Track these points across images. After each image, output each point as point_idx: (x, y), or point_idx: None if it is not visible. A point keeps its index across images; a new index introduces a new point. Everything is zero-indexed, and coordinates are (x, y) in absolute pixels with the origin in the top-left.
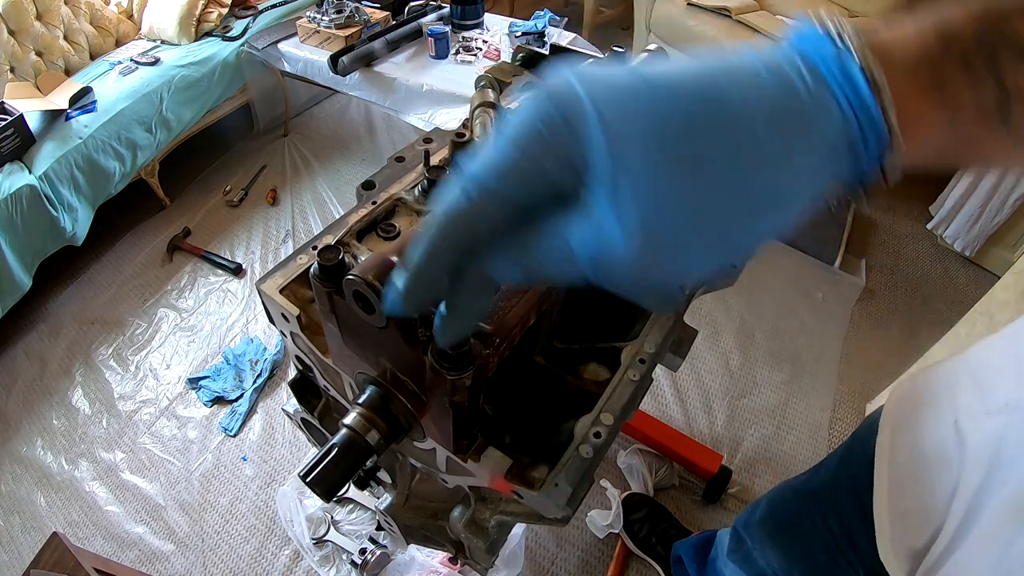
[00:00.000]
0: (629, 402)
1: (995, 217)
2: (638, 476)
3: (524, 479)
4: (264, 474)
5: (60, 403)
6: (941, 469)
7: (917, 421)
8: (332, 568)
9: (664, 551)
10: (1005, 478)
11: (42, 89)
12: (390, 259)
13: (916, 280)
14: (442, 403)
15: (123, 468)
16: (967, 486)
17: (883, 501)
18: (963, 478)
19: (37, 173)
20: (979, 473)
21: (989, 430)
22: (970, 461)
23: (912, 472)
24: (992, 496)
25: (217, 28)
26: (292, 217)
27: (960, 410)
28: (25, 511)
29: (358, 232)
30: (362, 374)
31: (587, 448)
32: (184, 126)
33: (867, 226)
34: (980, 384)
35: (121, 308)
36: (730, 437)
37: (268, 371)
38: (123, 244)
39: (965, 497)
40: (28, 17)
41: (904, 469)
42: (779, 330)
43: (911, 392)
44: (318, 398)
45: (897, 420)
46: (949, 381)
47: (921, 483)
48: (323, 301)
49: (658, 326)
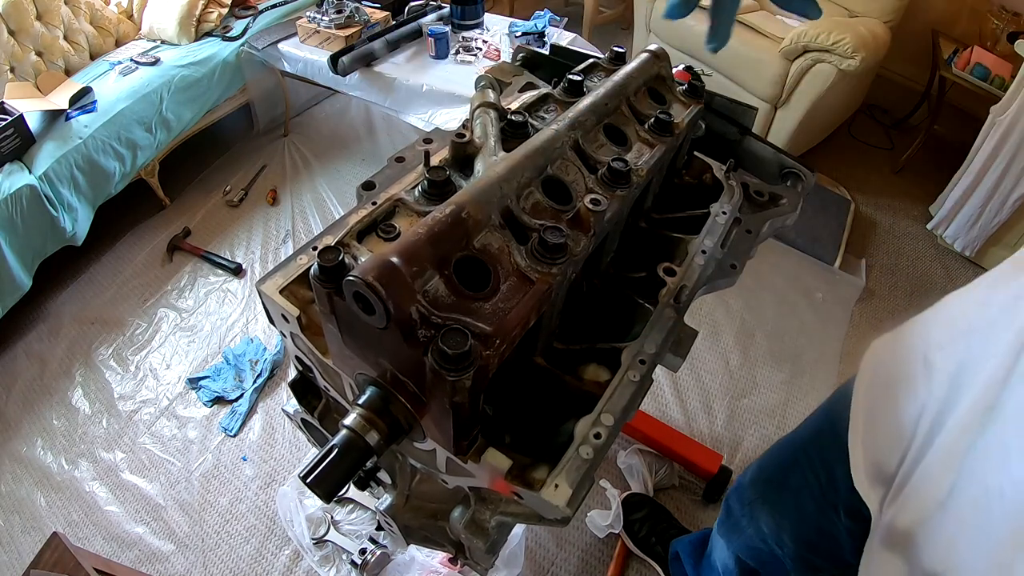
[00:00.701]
0: (629, 403)
1: (995, 217)
2: (638, 476)
3: (524, 480)
4: (264, 474)
5: (60, 403)
6: (910, 397)
7: (893, 361)
8: (332, 568)
9: (664, 551)
10: (964, 394)
11: (42, 89)
12: (390, 260)
13: (916, 280)
14: (442, 404)
15: (123, 468)
16: (931, 407)
17: (858, 431)
18: (928, 401)
19: (37, 173)
20: (942, 393)
21: (952, 356)
22: (935, 385)
23: (883, 403)
24: (952, 411)
25: (217, 28)
26: (292, 217)
27: (930, 345)
28: (25, 511)
29: (358, 233)
30: (362, 375)
31: (587, 449)
32: (184, 126)
33: (867, 226)
34: (950, 321)
35: (121, 308)
36: (730, 437)
37: (268, 371)
38: (123, 244)
39: (929, 416)
40: (28, 17)
41: (877, 402)
42: (779, 330)
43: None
44: (318, 399)
45: (876, 361)
46: (924, 324)
47: (891, 411)
48: (323, 302)
49: (658, 327)
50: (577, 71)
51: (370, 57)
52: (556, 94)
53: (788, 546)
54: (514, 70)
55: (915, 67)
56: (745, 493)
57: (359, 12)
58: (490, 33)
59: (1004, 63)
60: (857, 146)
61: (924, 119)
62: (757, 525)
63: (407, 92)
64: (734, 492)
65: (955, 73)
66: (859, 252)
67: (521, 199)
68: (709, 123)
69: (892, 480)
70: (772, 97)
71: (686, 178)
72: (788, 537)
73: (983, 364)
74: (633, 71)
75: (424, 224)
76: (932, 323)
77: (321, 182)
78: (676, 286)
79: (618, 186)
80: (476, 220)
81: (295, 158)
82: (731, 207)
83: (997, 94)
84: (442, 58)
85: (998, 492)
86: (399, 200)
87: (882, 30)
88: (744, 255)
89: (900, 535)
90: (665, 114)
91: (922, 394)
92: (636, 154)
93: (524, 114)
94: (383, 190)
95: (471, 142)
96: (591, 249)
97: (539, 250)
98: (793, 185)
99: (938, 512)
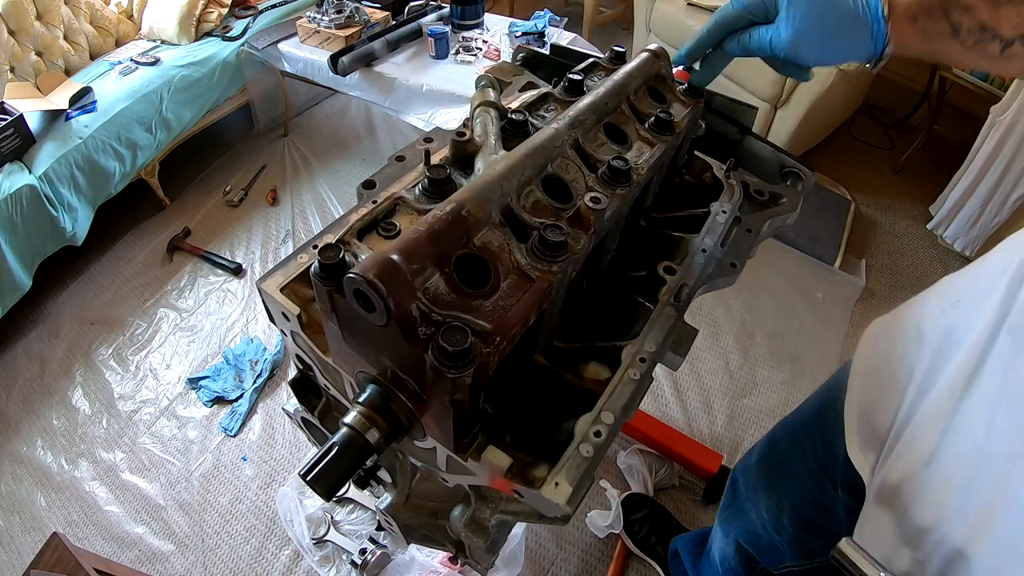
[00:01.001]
0: (629, 401)
1: (995, 217)
2: (638, 476)
3: (524, 478)
4: (264, 474)
5: (60, 403)
6: (902, 363)
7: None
8: (332, 568)
9: (664, 551)
10: (952, 357)
11: (42, 89)
12: (390, 257)
13: (916, 280)
14: (443, 402)
15: (123, 468)
16: (920, 369)
17: (853, 399)
18: (917, 365)
19: (37, 173)
20: (931, 356)
21: (942, 324)
22: (925, 350)
23: (878, 370)
24: (940, 373)
25: (217, 28)
26: (292, 217)
27: (923, 315)
28: (25, 511)
29: (359, 231)
30: (362, 373)
31: (587, 447)
32: (184, 126)
33: (867, 226)
34: (942, 295)
35: (121, 308)
36: (730, 437)
37: (268, 371)
38: (123, 244)
39: (918, 378)
40: (28, 17)
41: (871, 370)
42: (779, 330)
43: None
44: (318, 397)
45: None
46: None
47: (884, 377)
48: (324, 300)
49: (658, 325)
50: (577, 70)
51: (370, 57)
52: (556, 93)
53: (787, 529)
54: (514, 70)
55: (915, 67)
56: (751, 472)
57: (359, 12)
58: (490, 33)
59: None
60: (857, 146)
61: (924, 119)
62: (759, 508)
63: (407, 92)
64: (742, 470)
65: (955, 73)
66: (859, 252)
67: (521, 197)
68: (709, 122)
69: (883, 443)
70: (772, 97)
71: (686, 177)
72: (787, 519)
73: (970, 329)
74: (633, 70)
75: (424, 222)
76: (926, 298)
77: (321, 182)
78: (676, 285)
79: (618, 185)
80: (476, 218)
81: (295, 158)
82: (731, 206)
83: (997, 94)
84: (442, 58)
85: (983, 447)
86: (399, 198)
87: None
88: (744, 254)
89: (890, 491)
90: (665, 113)
91: (913, 359)
92: (636, 153)
93: (524, 113)
94: (383, 189)
95: (471, 141)
96: (591, 247)
97: (539, 248)
98: (793, 184)
99: (926, 468)
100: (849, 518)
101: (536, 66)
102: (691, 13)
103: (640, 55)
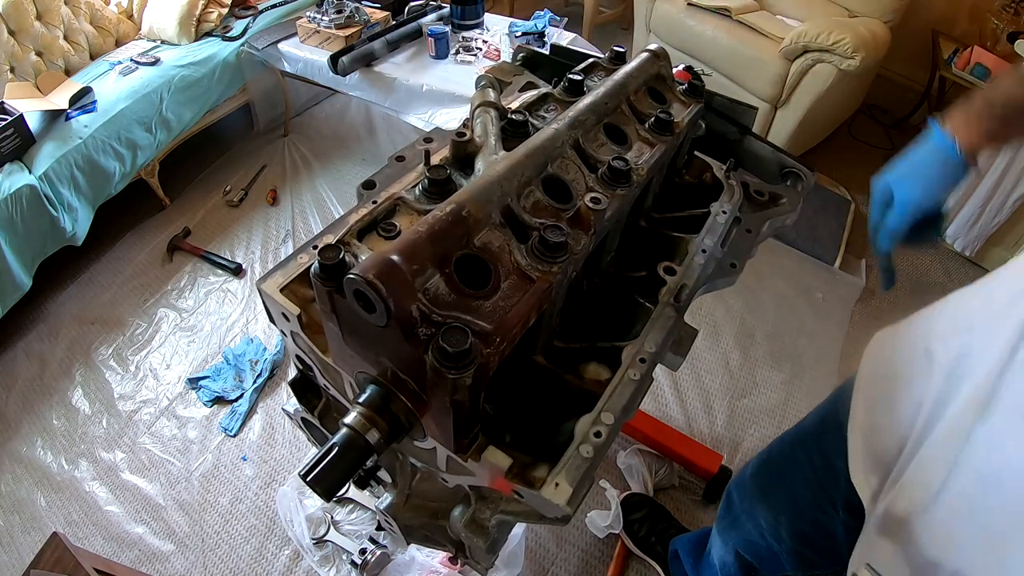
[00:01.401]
0: (629, 401)
1: (995, 217)
2: (638, 476)
3: (525, 478)
4: (264, 474)
5: (60, 403)
6: (910, 388)
7: (895, 353)
8: (332, 568)
9: (664, 551)
10: (962, 385)
11: (42, 89)
12: (391, 258)
13: (916, 280)
14: (443, 402)
15: (123, 468)
16: (930, 397)
17: (858, 421)
18: (927, 392)
19: (37, 173)
20: (941, 383)
21: (953, 347)
22: (935, 376)
23: (884, 394)
24: (950, 402)
25: (217, 28)
26: (292, 217)
27: (932, 338)
28: (25, 511)
29: (359, 231)
30: (362, 373)
31: (587, 447)
32: (184, 126)
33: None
34: (953, 316)
35: (121, 308)
36: (730, 437)
37: (268, 371)
38: (123, 244)
39: (928, 406)
40: (28, 17)
41: (877, 392)
42: (779, 330)
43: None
44: (318, 397)
45: (878, 353)
46: (927, 319)
47: (891, 401)
48: (324, 300)
49: (658, 326)
50: (577, 71)
51: (370, 57)
52: (556, 94)
53: (786, 541)
54: (514, 70)
55: (915, 67)
56: (747, 485)
57: (359, 12)
58: (490, 33)
59: (1004, 63)
60: (857, 146)
61: (924, 119)
62: (756, 520)
63: (407, 92)
64: (736, 484)
65: (955, 73)
66: (859, 252)
67: (521, 198)
68: (709, 123)
69: (889, 469)
70: (772, 97)
71: (686, 177)
72: (786, 532)
73: (983, 356)
74: (633, 70)
75: (425, 222)
76: (935, 318)
77: (321, 182)
78: (676, 285)
79: (618, 185)
80: (476, 218)
81: (295, 158)
82: (731, 206)
83: None
84: (442, 58)
85: (994, 480)
86: (400, 199)
87: (882, 30)
88: (744, 254)
89: (895, 523)
90: (665, 113)
91: (922, 385)
92: (636, 153)
93: (524, 113)
94: (383, 189)
95: (471, 141)
96: (591, 248)
97: (539, 248)
98: (793, 185)
99: (934, 500)
100: (848, 537)
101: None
102: (691, 13)
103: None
